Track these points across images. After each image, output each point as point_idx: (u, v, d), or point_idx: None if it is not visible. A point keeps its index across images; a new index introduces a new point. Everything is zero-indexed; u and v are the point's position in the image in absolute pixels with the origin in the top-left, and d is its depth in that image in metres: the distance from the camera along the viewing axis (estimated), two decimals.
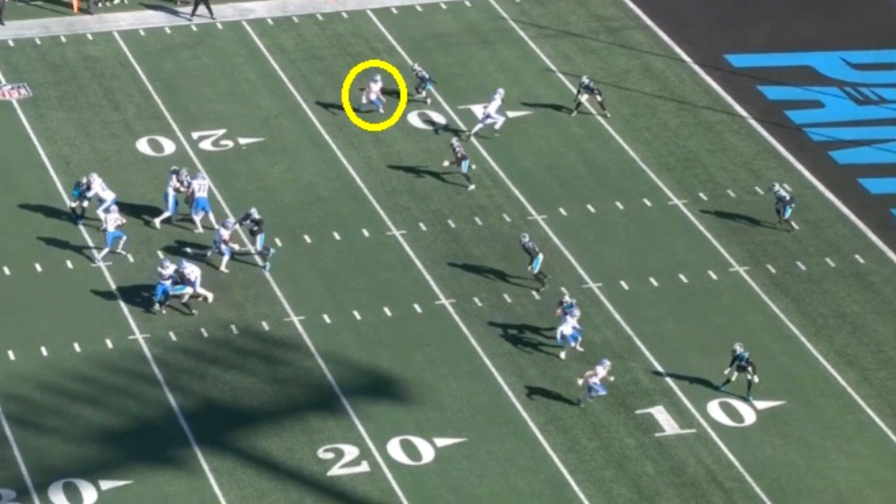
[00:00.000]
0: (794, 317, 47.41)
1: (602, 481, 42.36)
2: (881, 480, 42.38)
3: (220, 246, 48.46)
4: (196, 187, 49.90)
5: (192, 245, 49.27)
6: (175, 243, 49.56)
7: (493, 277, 48.81)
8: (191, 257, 47.97)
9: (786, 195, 50.44)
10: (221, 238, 48.39)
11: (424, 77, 55.70)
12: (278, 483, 42.24)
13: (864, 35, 59.33)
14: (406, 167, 53.34)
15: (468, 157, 52.02)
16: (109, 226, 48.76)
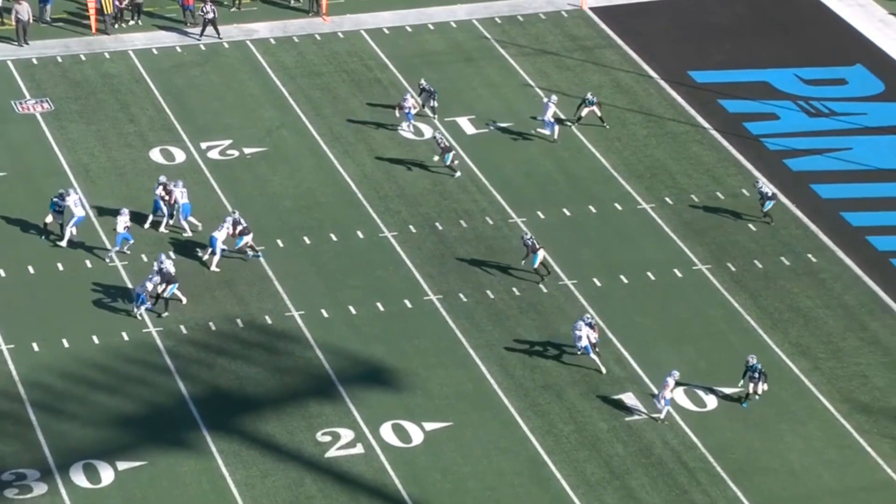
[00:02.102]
0: (751, 311, 47.47)
1: (577, 461, 42.41)
2: (831, 460, 42.44)
3: (215, 245, 48.39)
4: (178, 195, 49.75)
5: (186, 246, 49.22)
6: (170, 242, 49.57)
7: (476, 275, 48.84)
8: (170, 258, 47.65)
9: (767, 191, 50.58)
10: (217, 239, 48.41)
11: (431, 91, 55.64)
12: (280, 463, 42.24)
13: (816, 53, 59.42)
14: (397, 174, 53.35)
15: (451, 150, 52.01)
16: (119, 227, 48.73)
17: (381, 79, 58.27)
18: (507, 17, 61.71)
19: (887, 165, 53.53)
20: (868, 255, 49.57)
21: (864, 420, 43.53)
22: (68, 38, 60.52)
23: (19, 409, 43.87)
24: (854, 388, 44.57)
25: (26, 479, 41.66)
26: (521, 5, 62.31)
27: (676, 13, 61.81)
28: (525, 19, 61.57)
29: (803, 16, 61.62)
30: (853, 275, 48.81)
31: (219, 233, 48.54)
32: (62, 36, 60.66)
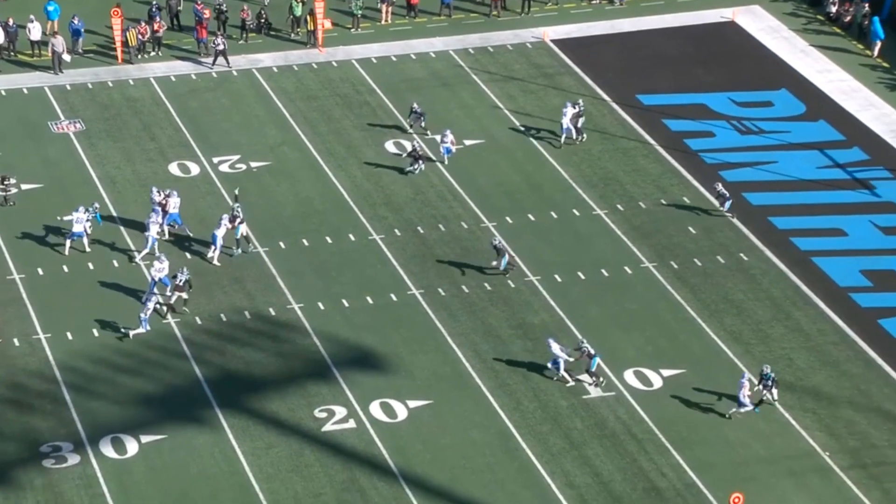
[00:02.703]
0: (692, 303, 47.50)
1: (540, 434, 42.39)
2: (761, 432, 42.48)
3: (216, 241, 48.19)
4: (171, 204, 49.55)
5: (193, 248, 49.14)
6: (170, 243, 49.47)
7: (453, 272, 48.80)
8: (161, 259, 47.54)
9: (725, 193, 50.46)
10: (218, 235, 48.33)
11: (420, 113, 55.41)
12: (282, 436, 42.17)
13: (746, 80, 59.50)
14: (384, 185, 53.30)
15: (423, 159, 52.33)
16: (152, 231, 48.60)
17: (369, 102, 58.22)
18: (478, 48, 61.70)
19: (808, 176, 53.62)
20: (792, 254, 49.65)
21: (788, 397, 43.58)
22: (97, 67, 60.36)
23: (55, 390, 43.76)
24: (780, 369, 44.62)
25: (62, 451, 41.58)
26: (491, 38, 62.31)
27: (626, 45, 61.85)
28: (494, 50, 61.57)
29: (735, 47, 61.73)
30: (779, 271, 48.87)
31: (218, 230, 48.44)
32: (92, 65, 60.49)
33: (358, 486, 40.73)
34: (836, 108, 57.49)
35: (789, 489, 40.50)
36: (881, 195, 52.56)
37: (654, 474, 41.03)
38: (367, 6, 63.48)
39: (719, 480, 40.61)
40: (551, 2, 64.59)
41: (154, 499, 40.35)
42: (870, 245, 49.93)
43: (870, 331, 45.99)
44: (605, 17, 63.60)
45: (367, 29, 62.88)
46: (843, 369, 44.59)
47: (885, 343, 45.50)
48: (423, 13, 63.85)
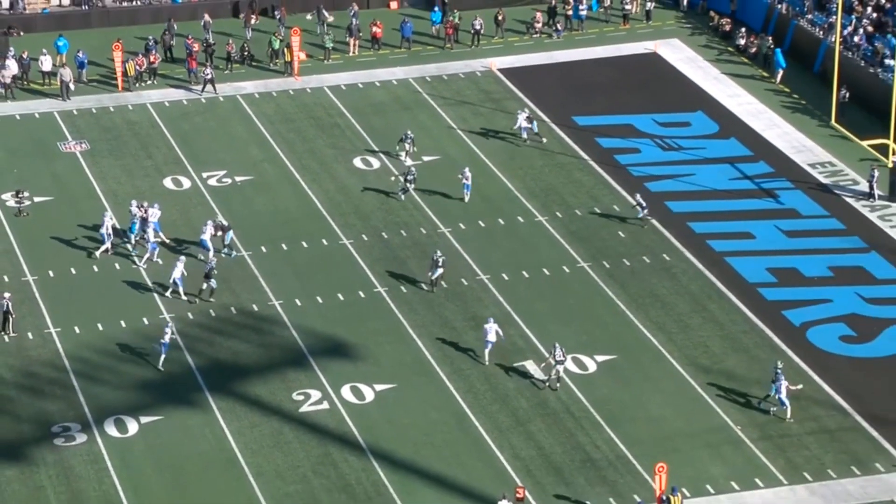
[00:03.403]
0: (622, 297, 47.47)
1: (490, 413, 42.27)
2: (682, 410, 42.39)
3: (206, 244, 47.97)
4: (150, 214, 48.99)
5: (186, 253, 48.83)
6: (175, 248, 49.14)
7: (414, 272, 48.63)
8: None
9: (643, 203, 50.56)
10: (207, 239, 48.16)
11: (411, 138, 54.72)
12: (265, 417, 41.92)
13: (667, 103, 59.56)
14: (353, 196, 53.09)
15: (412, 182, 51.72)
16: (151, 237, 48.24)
17: (339, 123, 58.01)
18: (435, 76, 61.58)
19: (721, 187, 53.67)
20: (708, 255, 49.68)
21: (705, 378, 43.60)
22: (101, 94, 59.94)
23: (65, 378, 43.37)
24: (698, 355, 44.65)
25: (70, 431, 41.22)
26: (446, 67, 62.22)
27: (563, 73, 61.84)
28: (448, 78, 61.47)
29: (658, 75, 61.80)
30: (697, 270, 48.89)
31: (205, 235, 48.05)
32: (96, 93, 60.09)
33: (331, 460, 40.52)
34: (745, 128, 57.62)
35: (706, 459, 40.51)
36: (784, 203, 52.69)
37: (589, 447, 40.97)
38: (337, 40, 63.35)
39: (646, 452, 40.59)
40: (497, 36, 64.56)
41: (152, 472, 40.04)
42: (775, 246, 50.03)
43: (775, 321, 46.08)
44: (544, 49, 63.63)
45: (337, 60, 62.71)
46: (752, 354, 44.66)
47: (788, 331, 45.59)
48: (386, 46, 63.74)
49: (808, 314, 46.23)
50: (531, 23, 64.92)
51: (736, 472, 39.97)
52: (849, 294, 47.10)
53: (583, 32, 64.80)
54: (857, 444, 40.85)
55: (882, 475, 39.83)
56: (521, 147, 56.03)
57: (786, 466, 40.20)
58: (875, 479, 39.72)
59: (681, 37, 64.47)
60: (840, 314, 46.16)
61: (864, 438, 41.04)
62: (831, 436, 41.20)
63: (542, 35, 64.60)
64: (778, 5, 63.68)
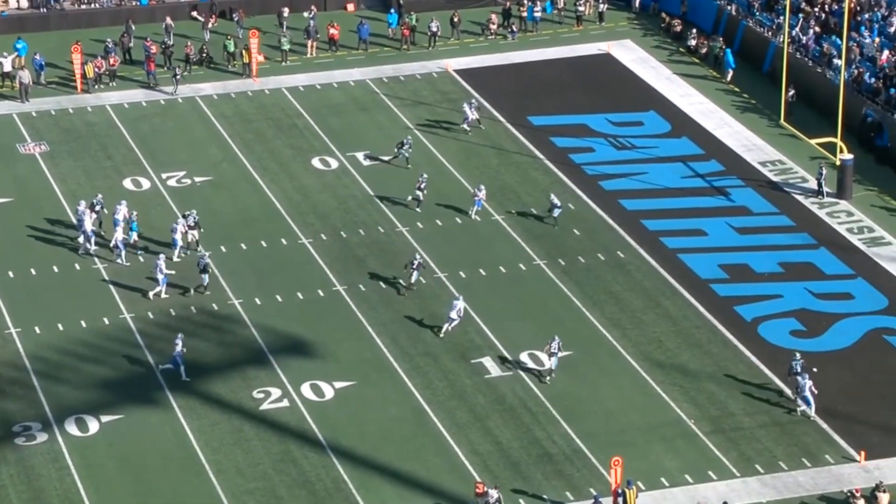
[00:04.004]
0: (577, 294, 47.56)
1: (449, 409, 42.25)
2: (637, 404, 42.58)
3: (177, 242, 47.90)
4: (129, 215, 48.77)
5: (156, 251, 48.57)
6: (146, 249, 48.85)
7: (372, 271, 48.54)
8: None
9: (557, 203, 50.42)
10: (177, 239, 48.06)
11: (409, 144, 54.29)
12: (225, 415, 41.73)
13: (620, 103, 59.73)
14: (311, 196, 52.97)
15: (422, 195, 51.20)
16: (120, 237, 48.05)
17: (297, 124, 57.85)
18: (392, 77, 61.53)
19: (673, 185, 53.87)
20: (661, 252, 49.85)
21: (659, 373, 43.76)
22: (60, 96, 59.51)
23: (25, 377, 43.00)
24: (652, 350, 44.79)
25: (31, 430, 40.87)
26: (402, 68, 62.17)
27: (518, 74, 61.93)
28: (405, 79, 61.42)
29: (611, 75, 61.96)
30: (650, 266, 49.05)
31: (176, 234, 47.82)
32: (55, 94, 59.66)
33: (291, 457, 40.38)
34: (697, 127, 57.86)
35: (661, 452, 40.65)
36: (735, 200, 52.93)
37: (546, 442, 41.03)
38: (294, 42, 63.18)
39: (602, 446, 40.68)
40: (453, 37, 64.56)
41: (113, 471, 39.76)
42: (726, 243, 50.24)
43: (727, 316, 46.28)
44: (499, 50, 63.69)
45: (295, 62, 62.55)
46: (705, 349, 44.85)
47: (739, 326, 45.81)
48: (344, 48, 63.64)
49: (759, 309, 46.46)
50: (486, 24, 64.98)
51: (690, 465, 40.13)
52: (799, 290, 47.38)
53: (537, 34, 64.92)
54: (808, 437, 41.11)
55: (832, 466, 40.11)
56: (477, 147, 56.04)
57: (738, 459, 40.40)
58: (825, 470, 39.99)
59: (633, 38, 64.69)
60: (790, 309, 46.43)
61: (815, 431, 41.30)
62: (782, 428, 41.44)
63: (497, 36, 64.67)
64: (728, 7, 64.00)
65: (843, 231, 50.79)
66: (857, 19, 59.85)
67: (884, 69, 56.97)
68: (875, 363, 43.74)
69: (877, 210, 52.07)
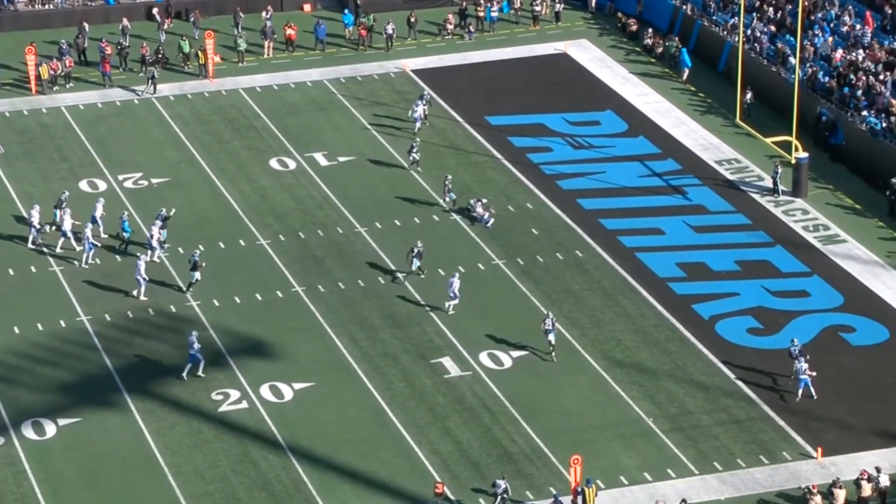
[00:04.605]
0: (535, 294, 47.63)
1: (408, 409, 42.23)
2: (596, 403, 42.63)
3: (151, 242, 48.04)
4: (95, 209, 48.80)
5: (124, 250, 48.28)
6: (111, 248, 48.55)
7: (330, 271, 48.46)
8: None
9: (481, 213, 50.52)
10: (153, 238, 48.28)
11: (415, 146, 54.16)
12: (184, 417, 41.54)
13: (577, 102, 59.87)
14: (269, 197, 52.81)
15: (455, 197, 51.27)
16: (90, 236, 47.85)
17: (255, 125, 57.67)
18: (349, 77, 61.44)
19: (631, 184, 54.04)
20: (619, 250, 50.00)
21: (618, 372, 43.89)
22: (14, 98, 59.06)
23: None
24: (611, 349, 44.92)
25: None
26: (360, 69, 62.09)
27: (476, 74, 61.96)
28: (363, 79, 61.35)
29: (568, 75, 62.10)
30: (609, 265, 49.19)
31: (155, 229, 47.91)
32: (9, 96, 59.21)
33: (251, 459, 40.25)
34: (653, 126, 58.07)
35: (620, 450, 40.78)
36: (692, 199, 53.15)
37: (506, 441, 41.07)
38: (251, 42, 62.97)
39: (561, 445, 40.77)
40: (410, 37, 64.54)
41: (71, 474, 39.50)
42: (684, 241, 50.45)
43: (684, 314, 46.47)
44: (457, 50, 63.72)
45: (252, 62, 62.37)
46: (663, 348, 45.02)
47: (697, 324, 46.01)
48: (301, 48, 63.50)
49: (716, 307, 46.68)
50: (443, 24, 64.99)
51: (648, 462, 40.28)
52: (755, 287, 47.64)
53: (494, 34, 64.99)
54: (765, 434, 41.35)
55: (789, 463, 40.36)
56: (435, 147, 56.03)
57: (697, 456, 40.58)
58: (782, 467, 40.24)
59: (590, 37, 64.88)
60: (747, 307, 46.66)
61: (772, 428, 41.55)
62: (740, 426, 41.66)
63: (454, 36, 64.69)
64: (683, 6, 64.29)
65: (799, 229, 51.11)
66: (810, 18, 60.28)
67: (837, 68, 57.41)
68: (831, 360, 44.04)
69: (832, 208, 52.44)
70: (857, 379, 43.43)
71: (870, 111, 54.73)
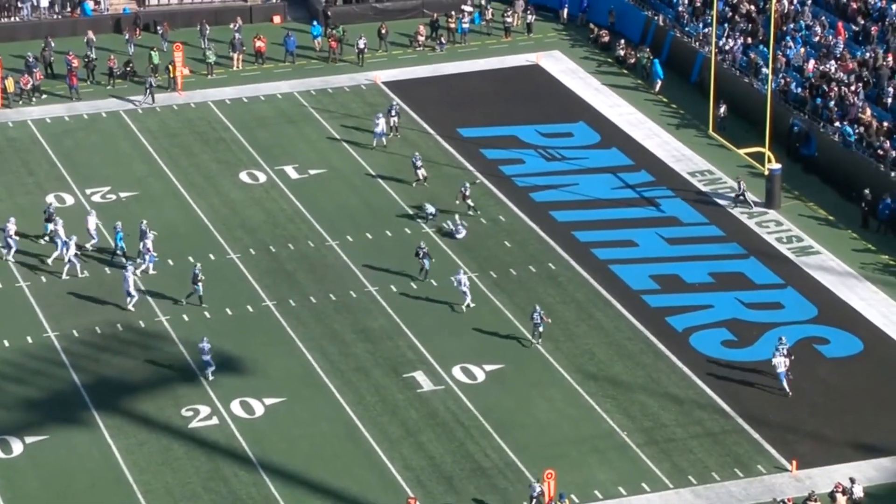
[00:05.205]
0: (508, 307, 47.59)
1: (381, 424, 42.13)
2: (569, 416, 42.72)
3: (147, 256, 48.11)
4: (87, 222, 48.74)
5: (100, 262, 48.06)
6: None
7: (302, 285, 48.33)
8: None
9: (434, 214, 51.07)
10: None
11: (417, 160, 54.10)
12: (153, 434, 41.33)
13: (549, 114, 59.92)
14: (239, 210, 52.66)
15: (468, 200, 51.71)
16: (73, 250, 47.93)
17: (224, 138, 57.52)
18: (319, 89, 61.37)
19: (604, 196, 54.10)
20: (592, 262, 50.04)
21: (592, 385, 43.90)
22: None
23: None
24: (584, 362, 44.93)
25: None
26: (330, 81, 62.04)
27: (447, 86, 61.98)
28: (334, 91, 61.29)
29: (540, 86, 62.16)
30: (582, 278, 49.21)
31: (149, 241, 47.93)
32: None
33: (221, 476, 40.07)
34: (626, 138, 58.18)
35: (594, 464, 40.78)
36: (665, 211, 53.26)
37: (479, 456, 41.01)
38: (220, 54, 62.85)
39: (535, 459, 40.74)
40: (381, 49, 64.51)
41: (39, 493, 39.21)
42: (657, 254, 50.53)
43: (658, 327, 46.53)
44: (428, 62, 63.75)
45: (221, 74, 62.27)
46: (637, 360, 45.05)
47: (671, 337, 46.07)
48: (270, 60, 63.40)
49: (690, 320, 46.76)
50: (414, 36, 65.01)
51: (623, 476, 40.28)
52: (729, 299, 47.74)
53: (465, 45, 65.05)
54: (740, 447, 41.42)
55: (764, 476, 40.45)
56: (406, 160, 55.95)
57: (671, 470, 40.62)
58: (757, 480, 40.32)
59: (562, 49, 65.02)
60: (721, 319, 46.76)
61: (746, 441, 41.62)
62: (714, 439, 41.72)
63: (425, 48, 64.73)
64: (655, 17, 64.52)
65: (773, 241, 51.28)
66: (782, 29, 60.59)
67: (809, 79, 57.68)
68: (805, 372, 44.15)
69: (805, 219, 52.65)
70: (832, 391, 43.57)
71: (842, 122, 54.98)
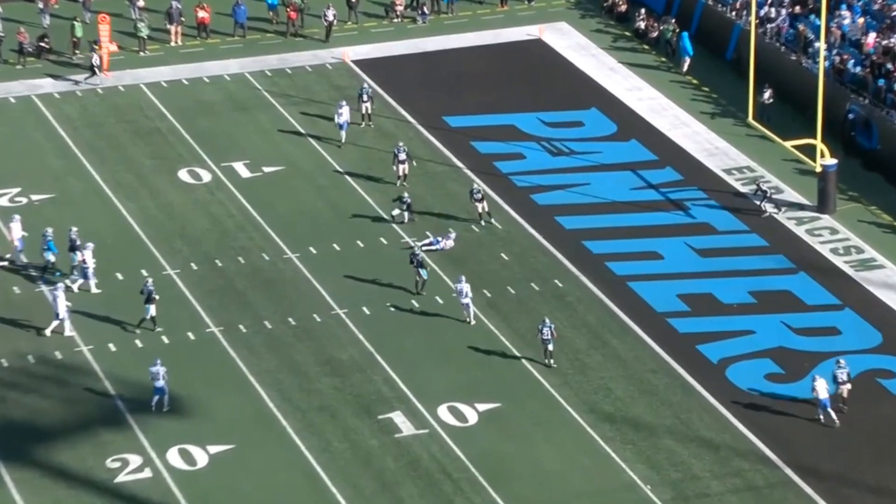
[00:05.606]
0: (505, 332, 47.45)
1: (351, 476, 41.92)
2: (581, 465, 42.55)
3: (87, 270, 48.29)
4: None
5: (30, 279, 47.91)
6: None
7: (254, 307, 48.19)
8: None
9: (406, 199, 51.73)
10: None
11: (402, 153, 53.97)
12: (72, 490, 41.09)
13: (555, 99, 60.02)
14: (178, 216, 52.55)
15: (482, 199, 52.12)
16: None
17: (160, 128, 57.56)
18: (276, 69, 61.40)
19: (621, 198, 54.10)
20: (607, 278, 49.97)
21: (608, 428, 43.76)
22: None
23: None
24: (599, 400, 44.80)
25: None
26: (289, 59, 62.05)
27: (431, 65, 62.04)
28: (293, 71, 61.30)
29: (543, 66, 62.28)
30: (595, 297, 49.12)
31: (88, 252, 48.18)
32: None
33: None
34: (648, 128, 58.27)
35: None
36: (695, 216, 53.29)
37: None
38: (154, 27, 62.72)
39: None
40: (351, 20, 64.42)
41: None
42: (686, 268, 50.54)
43: (688, 357, 46.46)
44: (407, 35, 63.80)
45: (156, 51, 62.33)
46: (662, 398, 44.95)
47: (703, 369, 45.96)
48: (216, 34, 63.41)
49: (727, 349, 46.71)
50: (391, 5, 65.01)
51: None
52: (774, 324, 47.74)
53: (453, 16, 65.20)
54: (788, 503, 41.30)
55: None
56: (381, 154, 55.92)
57: None
58: None
59: (569, 20, 65.18)
60: (764, 348, 46.73)
61: (795, 496, 41.55)
62: (757, 494, 41.64)
63: (404, 20, 64.78)
64: None
65: (827, 252, 51.31)
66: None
67: (870, 55, 57.65)
68: (867, 412, 44.12)
69: (865, 226, 52.72)
70: None
71: None
